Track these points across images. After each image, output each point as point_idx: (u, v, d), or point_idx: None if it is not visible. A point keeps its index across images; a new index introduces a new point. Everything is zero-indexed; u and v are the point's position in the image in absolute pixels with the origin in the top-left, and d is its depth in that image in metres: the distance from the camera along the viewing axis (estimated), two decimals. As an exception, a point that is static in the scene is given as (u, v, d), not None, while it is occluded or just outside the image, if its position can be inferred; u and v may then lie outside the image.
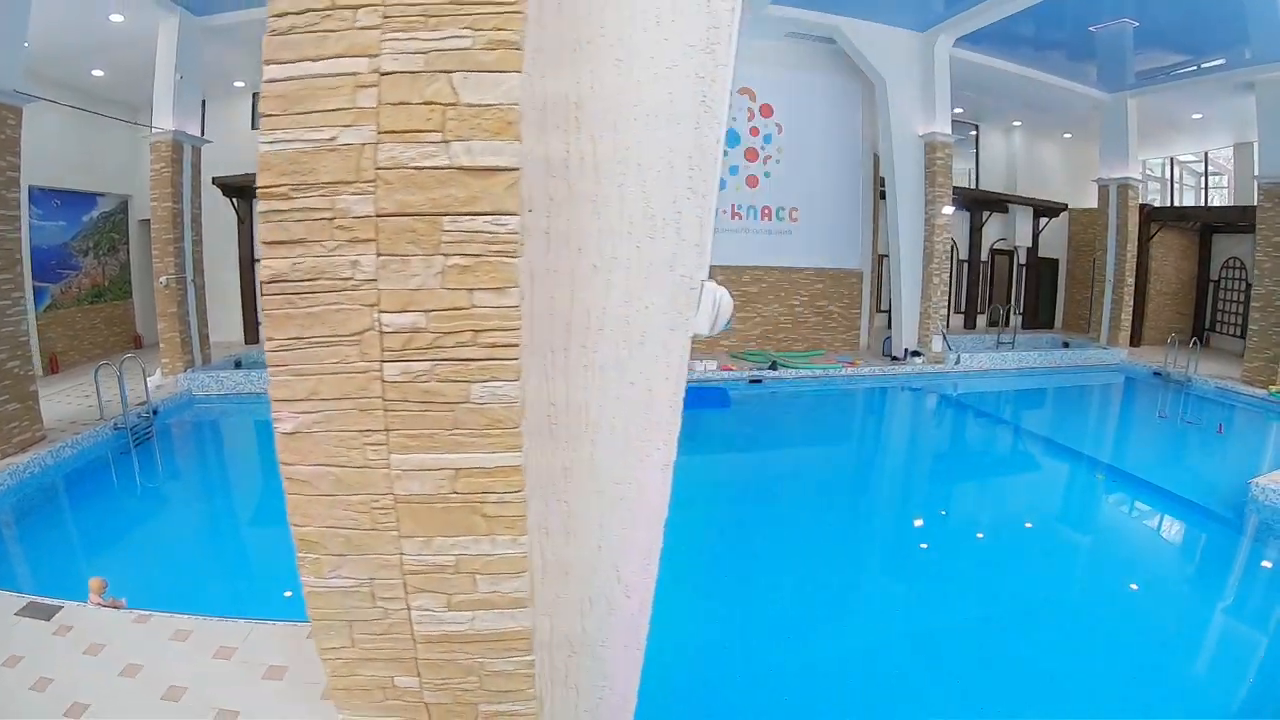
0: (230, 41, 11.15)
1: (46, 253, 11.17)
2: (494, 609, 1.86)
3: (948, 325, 16.46)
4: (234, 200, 12.85)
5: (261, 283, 1.67)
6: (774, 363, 11.54)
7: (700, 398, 9.77)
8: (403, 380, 1.69)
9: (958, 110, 15.59)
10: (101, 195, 12.15)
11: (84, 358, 11.68)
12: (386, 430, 1.72)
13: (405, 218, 1.61)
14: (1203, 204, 15.48)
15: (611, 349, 1.96)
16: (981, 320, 16.37)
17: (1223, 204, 15.02)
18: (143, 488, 6.75)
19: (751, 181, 12.49)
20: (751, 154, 12.44)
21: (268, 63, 1.56)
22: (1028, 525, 5.96)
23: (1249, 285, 12.49)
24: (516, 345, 1.67)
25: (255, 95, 13.19)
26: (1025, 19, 10.71)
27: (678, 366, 2.01)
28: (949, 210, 12.00)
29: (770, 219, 12.65)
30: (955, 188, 16.42)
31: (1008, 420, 10.33)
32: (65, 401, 8.90)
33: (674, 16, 1.83)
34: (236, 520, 6.30)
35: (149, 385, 9.07)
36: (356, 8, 1.55)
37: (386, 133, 1.58)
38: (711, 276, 2.02)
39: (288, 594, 3.44)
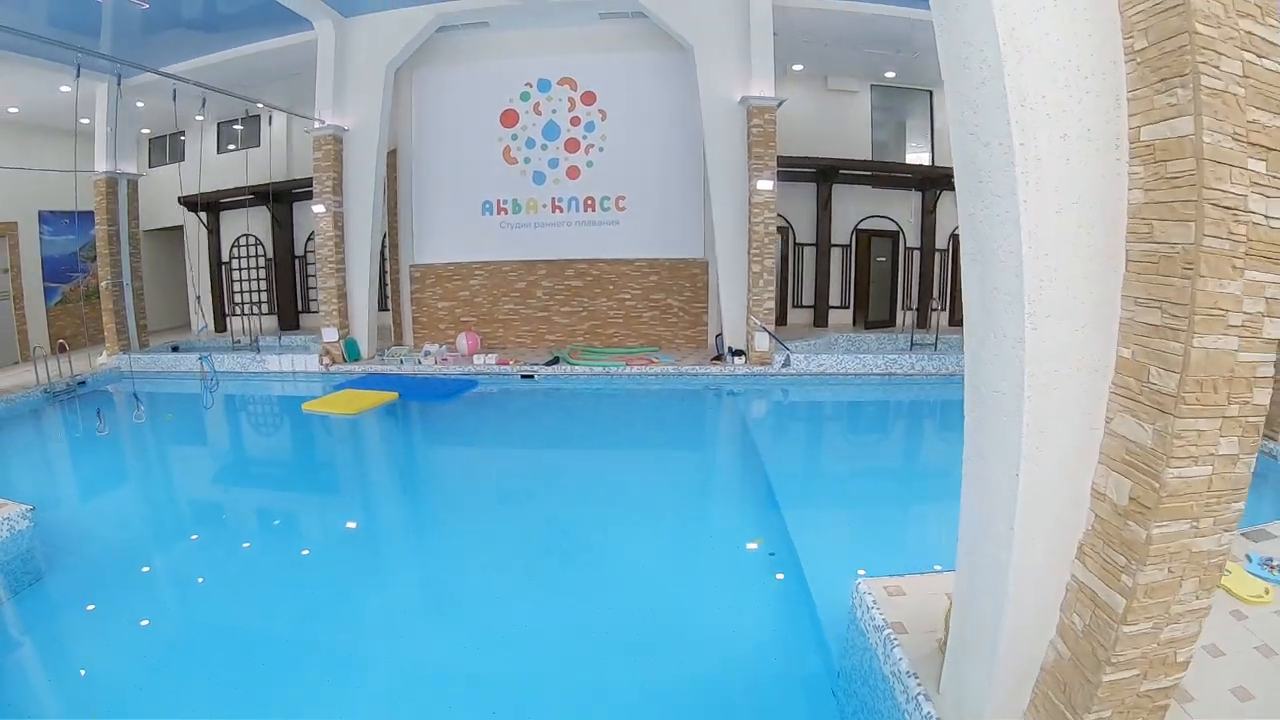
0: (183, 85, 13.85)
1: (58, 260, 14.88)
2: None
3: (895, 322, 13.88)
4: (201, 214, 15.71)
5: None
6: (556, 358, 10.93)
7: (420, 389, 9.69)
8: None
9: (890, 74, 13.29)
10: (104, 213, 15.69)
11: (89, 341, 15.16)
12: None
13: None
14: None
15: None
16: (943, 319, 13.48)
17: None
18: (47, 429, 9.31)
19: (572, 173, 11.96)
20: (572, 145, 11.92)
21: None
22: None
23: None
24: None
25: (219, 125, 16.00)
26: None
27: None
28: (766, 185, 10.28)
29: (594, 209, 11.96)
30: (908, 165, 13.88)
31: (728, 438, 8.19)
32: (33, 373, 11.75)
33: None
34: (91, 445, 8.14)
35: (96, 362, 12.71)
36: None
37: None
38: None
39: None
